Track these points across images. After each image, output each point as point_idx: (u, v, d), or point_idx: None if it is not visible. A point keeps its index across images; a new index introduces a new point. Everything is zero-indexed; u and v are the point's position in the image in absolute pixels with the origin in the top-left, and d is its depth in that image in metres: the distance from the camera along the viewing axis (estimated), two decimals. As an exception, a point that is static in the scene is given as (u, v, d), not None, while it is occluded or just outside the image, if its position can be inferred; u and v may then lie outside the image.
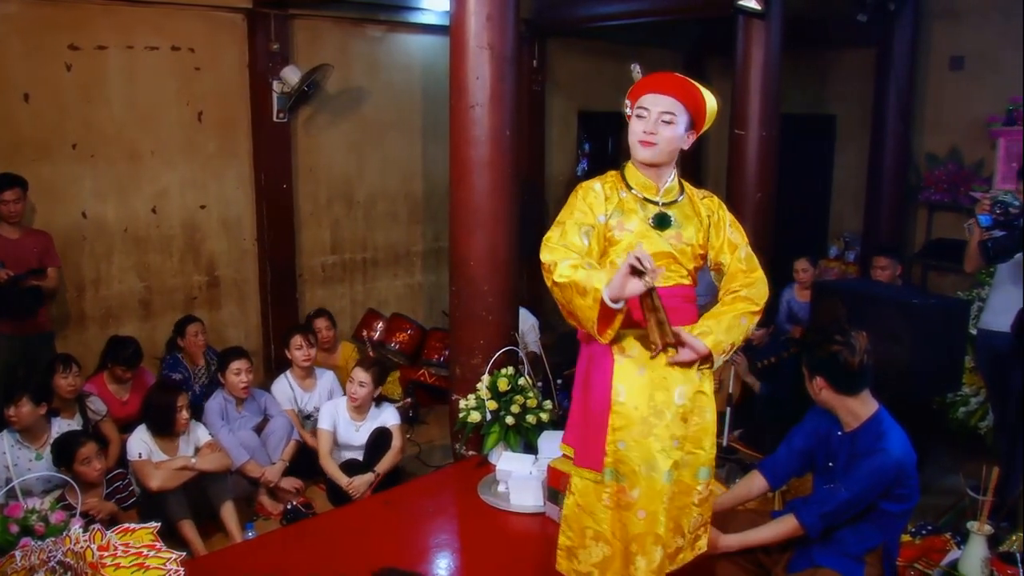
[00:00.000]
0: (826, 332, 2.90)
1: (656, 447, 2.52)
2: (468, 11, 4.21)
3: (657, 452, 2.52)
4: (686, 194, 2.69)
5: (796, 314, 6.14)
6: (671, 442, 2.54)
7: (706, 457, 2.64)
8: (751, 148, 5.98)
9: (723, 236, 2.70)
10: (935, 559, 3.27)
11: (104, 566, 2.61)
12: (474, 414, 4.27)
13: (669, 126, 2.51)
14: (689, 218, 2.63)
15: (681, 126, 2.54)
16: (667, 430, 2.54)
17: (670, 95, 2.52)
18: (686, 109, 2.54)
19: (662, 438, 2.53)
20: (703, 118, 2.58)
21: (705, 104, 2.55)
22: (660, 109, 2.51)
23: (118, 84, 5.33)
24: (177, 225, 5.74)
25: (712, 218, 2.69)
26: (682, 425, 2.57)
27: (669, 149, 2.55)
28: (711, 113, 2.58)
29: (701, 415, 2.62)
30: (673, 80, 2.55)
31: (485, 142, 4.31)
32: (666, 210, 2.60)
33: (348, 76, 6.38)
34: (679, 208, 2.64)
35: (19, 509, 2.98)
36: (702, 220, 2.66)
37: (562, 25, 7.55)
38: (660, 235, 2.58)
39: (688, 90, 2.54)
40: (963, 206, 6.86)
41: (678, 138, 2.55)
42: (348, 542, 3.68)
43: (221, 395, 4.78)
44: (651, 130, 2.51)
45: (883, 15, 6.65)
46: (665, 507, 2.55)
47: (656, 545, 2.53)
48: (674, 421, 2.55)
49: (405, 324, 6.29)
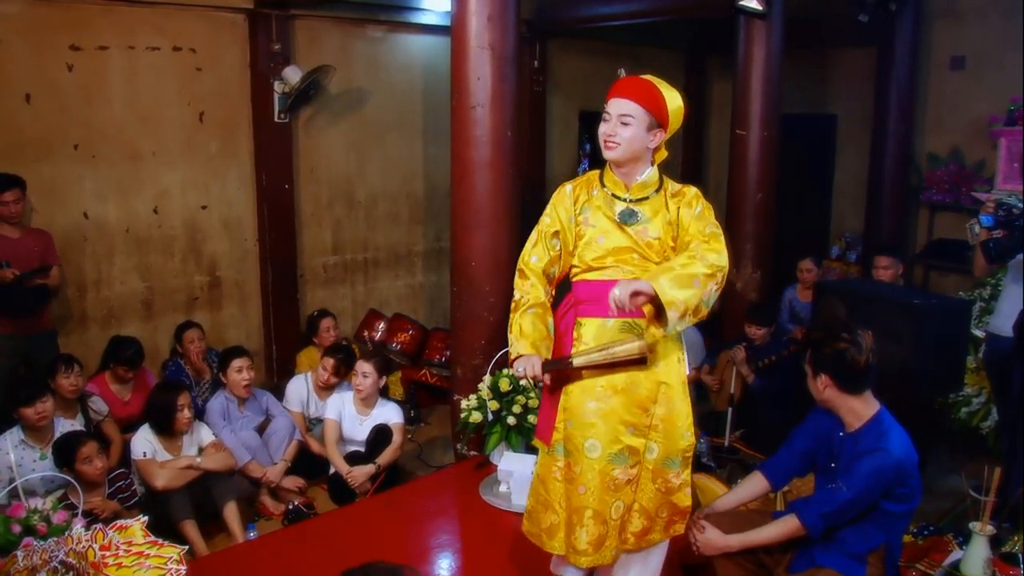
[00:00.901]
0: (833, 330, 2.90)
1: (601, 430, 2.70)
2: (469, 11, 4.21)
3: (600, 435, 2.69)
4: (662, 190, 2.77)
5: (798, 314, 6.14)
6: (624, 428, 2.70)
7: (675, 447, 2.74)
8: (752, 148, 5.98)
9: (690, 222, 2.73)
10: (937, 559, 3.27)
11: (106, 565, 2.60)
12: (476, 414, 4.27)
13: (627, 127, 2.65)
14: (658, 213, 2.73)
15: (640, 127, 2.65)
16: (616, 415, 2.69)
17: (627, 98, 2.65)
18: (645, 110, 2.65)
19: (610, 422, 2.70)
20: (666, 117, 2.69)
21: (666, 103, 2.67)
22: (618, 112, 2.66)
23: (119, 84, 5.33)
24: (178, 225, 5.74)
25: (681, 210, 2.73)
26: (639, 413, 2.71)
27: (631, 148, 2.67)
28: (675, 111, 2.70)
29: (667, 405, 2.73)
30: (632, 84, 2.69)
31: (486, 142, 4.31)
32: (635, 206, 2.73)
33: (349, 76, 6.38)
34: (650, 204, 2.74)
35: (21, 509, 2.99)
36: (670, 215, 2.73)
37: (563, 25, 7.55)
38: (624, 230, 2.72)
39: (646, 92, 2.66)
40: (965, 206, 6.86)
41: (639, 138, 2.66)
42: (350, 542, 3.68)
43: (223, 395, 4.79)
44: (611, 132, 2.67)
45: (884, 15, 6.64)
46: (603, 486, 2.70)
47: (595, 521, 2.72)
48: (626, 408, 2.70)
49: (406, 324, 6.29)
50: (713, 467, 4.78)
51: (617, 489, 2.73)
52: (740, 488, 3.23)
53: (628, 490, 2.74)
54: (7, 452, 4.00)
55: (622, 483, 2.72)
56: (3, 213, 4.68)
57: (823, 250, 8.00)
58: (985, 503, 3.03)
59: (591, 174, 2.87)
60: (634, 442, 2.71)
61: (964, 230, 4.68)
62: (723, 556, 2.96)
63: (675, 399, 2.74)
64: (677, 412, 2.75)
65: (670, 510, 2.78)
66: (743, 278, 6.15)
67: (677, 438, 2.74)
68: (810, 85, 8.15)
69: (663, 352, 2.74)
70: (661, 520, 2.78)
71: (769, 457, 3.21)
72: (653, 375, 2.72)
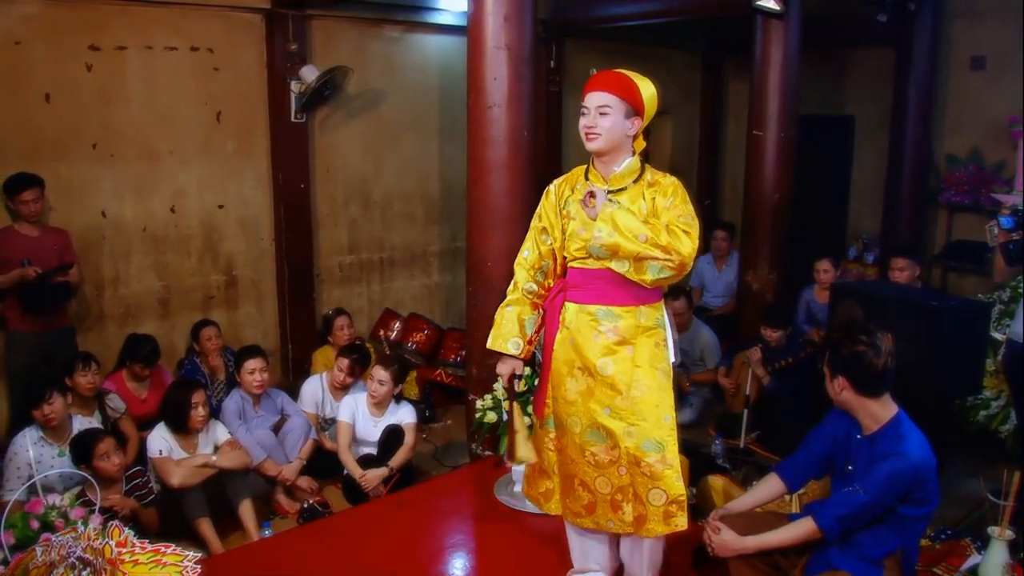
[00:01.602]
0: (851, 332, 2.88)
1: (580, 409, 2.89)
2: (486, 12, 4.21)
3: (579, 413, 2.89)
4: (642, 179, 2.86)
5: (815, 315, 6.10)
6: (600, 408, 2.86)
7: (650, 430, 2.82)
8: (769, 149, 5.96)
9: (663, 211, 2.80)
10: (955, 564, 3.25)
11: (123, 562, 2.62)
12: (491, 414, 4.26)
13: (606, 117, 2.77)
14: (635, 202, 2.82)
15: (619, 115, 2.77)
16: (592, 396, 2.86)
17: (603, 90, 2.78)
18: (621, 99, 2.77)
19: (587, 402, 2.87)
20: (642, 104, 2.80)
21: (640, 92, 2.79)
22: (596, 104, 2.78)
23: (137, 84, 5.37)
24: (195, 225, 5.77)
25: (656, 199, 2.82)
26: (613, 395, 2.84)
27: (611, 137, 2.78)
28: (649, 98, 2.82)
29: (639, 388, 2.83)
30: (606, 77, 2.82)
31: (503, 143, 4.31)
32: (614, 196, 2.82)
33: (365, 76, 6.40)
34: (628, 193, 2.84)
35: (40, 505, 3.00)
36: (646, 203, 2.82)
37: (579, 26, 7.54)
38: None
39: (620, 83, 2.79)
40: (984, 207, 6.80)
41: (618, 126, 2.78)
42: (364, 541, 3.69)
43: (238, 394, 4.81)
44: (591, 123, 2.79)
45: (903, 15, 6.59)
46: (584, 460, 2.90)
47: (583, 489, 2.92)
48: (600, 389, 2.86)
49: (422, 324, 6.30)
50: (728, 469, 4.76)
51: (599, 465, 2.88)
52: (756, 490, 3.21)
53: (614, 471, 2.86)
54: (26, 449, 4.04)
55: (604, 461, 2.87)
56: (23, 212, 4.72)
57: (840, 251, 7.94)
58: (1004, 507, 3.01)
59: (577, 170, 3.00)
60: (610, 424, 2.84)
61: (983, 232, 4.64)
62: (738, 558, 2.95)
63: (651, 383, 2.84)
64: (653, 396, 2.83)
65: (663, 498, 2.81)
66: (759, 279, 6.13)
67: (656, 421, 2.82)
68: (827, 85, 8.11)
69: (639, 337, 2.85)
70: (656, 508, 2.82)
71: (785, 459, 3.19)
72: (629, 359, 2.84)
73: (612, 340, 2.84)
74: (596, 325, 2.86)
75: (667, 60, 8.45)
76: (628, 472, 2.84)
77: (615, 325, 2.84)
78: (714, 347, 6.02)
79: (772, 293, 6.08)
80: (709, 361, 6.01)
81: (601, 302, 2.85)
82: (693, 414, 5.99)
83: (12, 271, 4.66)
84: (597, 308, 2.86)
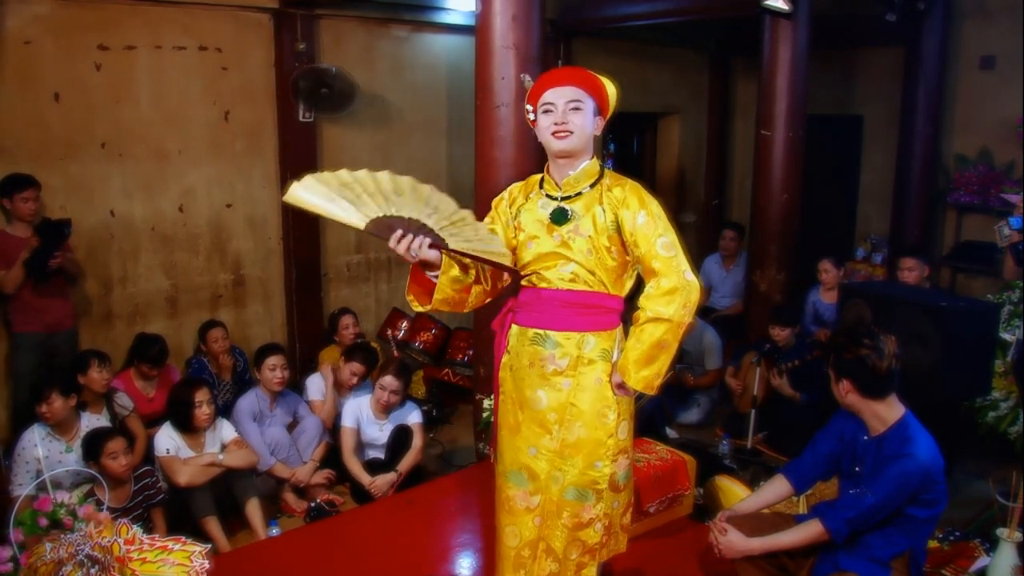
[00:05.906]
0: (854, 335, 2.88)
1: (507, 443, 2.64)
2: (493, 11, 4.21)
3: (505, 447, 2.64)
4: (599, 184, 2.59)
5: (821, 315, 6.09)
6: (525, 447, 2.59)
7: (577, 478, 2.55)
8: (777, 149, 5.94)
9: (635, 233, 2.51)
10: (963, 566, 3.24)
11: (131, 560, 2.63)
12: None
13: (579, 112, 2.53)
14: (590, 208, 2.55)
15: (589, 111, 2.55)
16: (518, 432, 2.61)
17: (571, 85, 2.55)
18: (589, 95, 2.56)
19: (514, 439, 2.62)
20: (607, 103, 2.61)
21: (605, 89, 2.60)
22: (566, 99, 2.53)
23: (146, 84, 5.38)
24: (203, 224, 5.78)
25: (620, 215, 2.53)
26: (540, 433, 2.57)
27: (583, 135, 2.55)
28: (612, 97, 2.62)
29: (569, 430, 2.55)
30: (570, 71, 2.62)
31: (510, 142, 4.31)
32: (567, 204, 2.57)
33: (373, 76, 6.40)
34: (583, 200, 2.57)
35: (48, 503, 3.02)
36: (606, 215, 2.53)
37: (587, 25, 7.53)
38: (555, 231, 2.57)
39: (587, 78, 2.58)
40: (993, 208, 6.77)
41: (589, 123, 2.56)
42: (371, 541, 3.70)
43: (255, 393, 4.80)
44: (561, 120, 2.52)
45: (912, 14, 6.58)
46: (498, 502, 2.65)
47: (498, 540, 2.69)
48: (527, 425, 2.59)
49: (430, 324, 6.30)
50: (735, 469, 4.75)
51: (512, 512, 2.61)
52: (763, 491, 3.21)
53: (528, 521, 2.59)
54: (35, 445, 4.06)
55: (519, 509, 2.59)
56: (20, 211, 4.72)
57: (848, 252, 7.93)
58: (1013, 509, 3.00)
59: (532, 178, 2.74)
60: (535, 465, 2.57)
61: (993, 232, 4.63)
62: (745, 559, 2.94)
63: (585, 424, 2.55)
64: (587, 438, 2.55)
65: (579, 550, 2.60)
66: (767, 279, 6.11)
67: (586, 467, 2.55)
68: (836, 85, 8.08)
69: (579, 369, 2.56)
70: (570, 563, 2.60)
71: (792, 460, 3.19)
72: (561, 394, 2.56)
73: (549, 370, 2.56)
74: (535, 352, 2.58)
75: (675, 59, 8.42)
76: (543, 524, 2.59)
77: (553, 353, 2.55)
78: (716, 349, 6.00)
79: (780, 293, 6.07)
80: (709, 363, 6.00)
81: (543, 326, 2.57)
82: (700, 414, 5.98)
83: (12, 271, 4.63)
84: (537, 332, 2.58)
